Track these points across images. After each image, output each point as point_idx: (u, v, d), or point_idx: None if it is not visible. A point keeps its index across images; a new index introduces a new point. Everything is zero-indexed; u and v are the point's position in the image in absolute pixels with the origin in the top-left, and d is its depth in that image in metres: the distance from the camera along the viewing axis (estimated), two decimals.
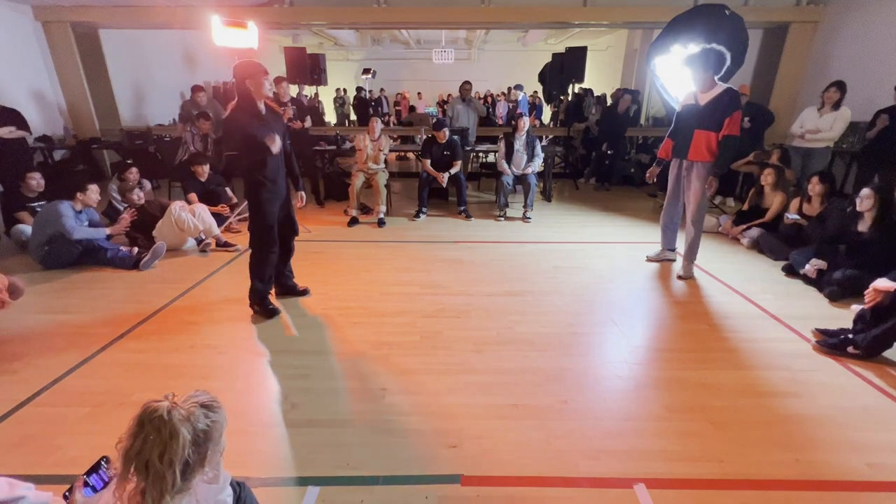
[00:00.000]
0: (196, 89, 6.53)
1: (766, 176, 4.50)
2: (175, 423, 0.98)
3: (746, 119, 5.66)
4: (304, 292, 3.38)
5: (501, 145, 5.48)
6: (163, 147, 7.27)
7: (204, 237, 4.31)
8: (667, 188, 3.82)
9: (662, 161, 3.80)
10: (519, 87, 11.57)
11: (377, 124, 5.40)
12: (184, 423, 0.99)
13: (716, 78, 3.37)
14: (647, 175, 3.85)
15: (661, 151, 3.80)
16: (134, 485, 0.97)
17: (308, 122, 6.18)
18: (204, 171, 4.81)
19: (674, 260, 4.04)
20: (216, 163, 5.48)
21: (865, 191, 3.30)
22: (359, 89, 13.02)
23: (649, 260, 4.09)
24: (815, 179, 4.02)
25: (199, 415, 1.03)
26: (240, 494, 1.23)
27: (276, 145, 2.74)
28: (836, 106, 4.87)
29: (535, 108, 13.67)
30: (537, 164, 5.45)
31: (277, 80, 5.55)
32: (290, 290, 3.36)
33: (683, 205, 3.76)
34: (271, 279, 3.14)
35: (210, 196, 4.81)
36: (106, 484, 1.17)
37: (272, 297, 3.21)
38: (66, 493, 1.21)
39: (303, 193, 3.28)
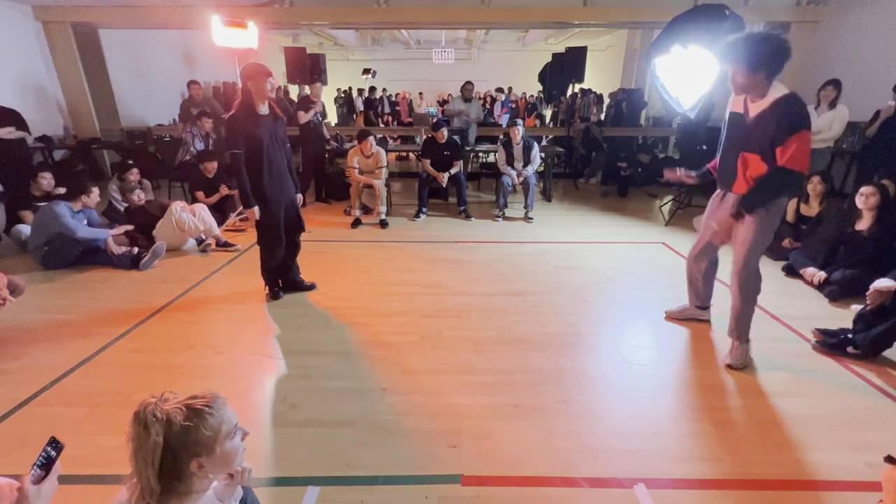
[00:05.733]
0: (192, 84, 6.49)
1: None
2: (148, 422, 0.91)
3: None
4: (311, 287, 3.45)
5: (501, 149, 5.48)
6: (163, 147, 7.27)
7: (204, 237, 4.31)
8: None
9: (708, 175, 2.69)
10: (500, 90, 12.61)
11: (372, 141, 5.15)
12: (156, 425, 0.91)
13: (775, 80, 2.22)
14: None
15: (711, 164, 2.70)
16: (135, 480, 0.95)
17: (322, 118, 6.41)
18: (213, 168, 4.89)
19: (707, 320, 2.94)
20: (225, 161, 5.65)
21: (867, 188, 3.29)
22: (362, 90, 13.01)
23: (669, 317, 3.01)
24: (816, 179, 4.00)
25: (179, 418, 0.94)
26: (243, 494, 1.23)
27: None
28: (833, 104, 4.87)
29: (534, 109, 13.71)
30: (532, 170, 5.43)
31: (311, 82, 6.27)
32: (297, 285, 3.41)
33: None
34: (278, 268, 3.27)
35: (215, 190, 4.94)
36: (50, 461, 1.08)
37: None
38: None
39: (300, 195, 3.29)
